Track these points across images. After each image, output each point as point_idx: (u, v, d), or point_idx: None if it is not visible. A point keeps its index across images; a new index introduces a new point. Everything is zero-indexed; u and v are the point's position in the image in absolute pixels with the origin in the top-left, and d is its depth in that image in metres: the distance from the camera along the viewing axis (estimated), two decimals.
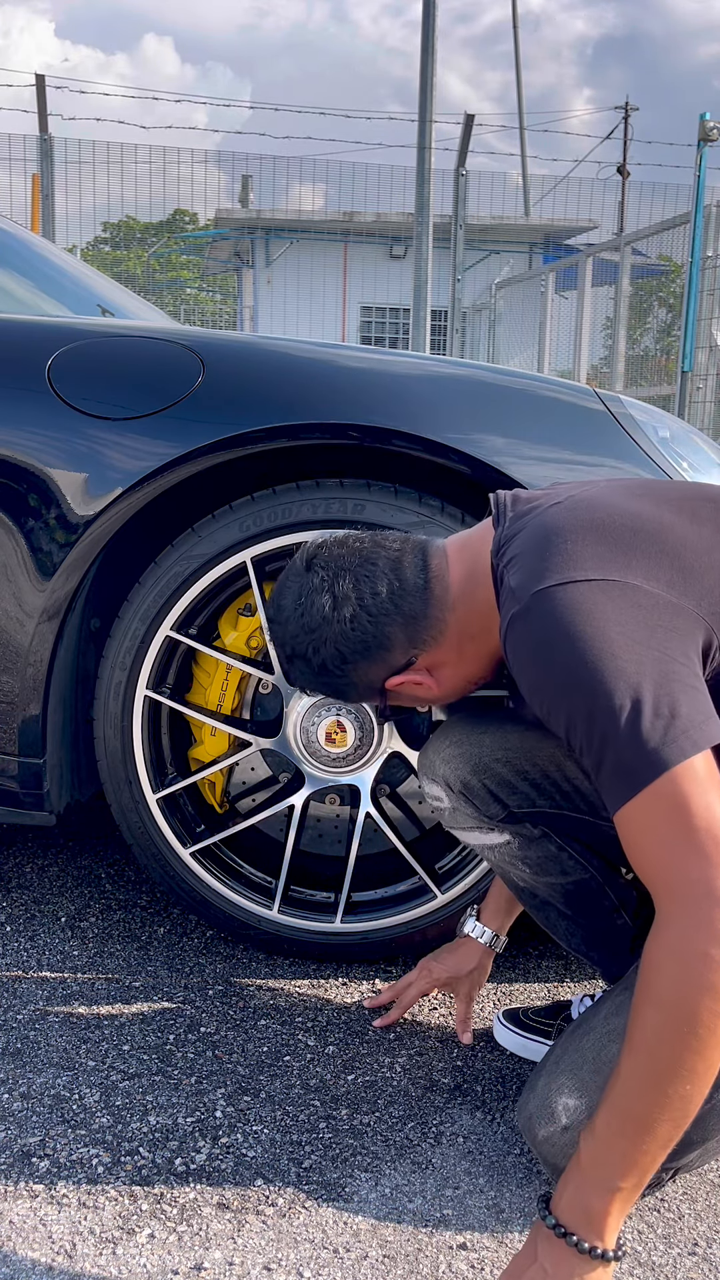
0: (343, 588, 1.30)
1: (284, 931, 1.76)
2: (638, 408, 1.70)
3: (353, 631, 1.29)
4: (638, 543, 1.16)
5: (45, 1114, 1.38)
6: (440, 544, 1.34)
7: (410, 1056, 1.55)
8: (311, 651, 1.31)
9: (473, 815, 1.43)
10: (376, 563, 1.31)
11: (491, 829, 1.43)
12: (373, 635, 1.29)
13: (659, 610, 1.11)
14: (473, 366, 1.80)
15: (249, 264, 17.07)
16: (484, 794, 1.41)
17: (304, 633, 1.31)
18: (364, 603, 1.29)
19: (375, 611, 1.29)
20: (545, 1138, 1.20)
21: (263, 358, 1.73)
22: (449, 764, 1.44)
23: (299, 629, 1.31)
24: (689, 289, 6.28)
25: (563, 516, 1.21)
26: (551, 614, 1.11)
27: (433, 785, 1.47)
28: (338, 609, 1.29)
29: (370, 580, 1.30)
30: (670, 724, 1.03)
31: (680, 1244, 1.22)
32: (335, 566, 1.31)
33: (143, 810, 1.74)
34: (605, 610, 1.10)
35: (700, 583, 1.14)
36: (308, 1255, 1.18)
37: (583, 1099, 1.18)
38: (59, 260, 2.81)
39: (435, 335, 11.14)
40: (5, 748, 1.73)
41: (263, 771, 1.90)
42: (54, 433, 1.66)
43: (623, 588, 1.12)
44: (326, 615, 1.29)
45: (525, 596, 1.14)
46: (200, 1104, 1.42)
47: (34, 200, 8.97)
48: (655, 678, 1.06)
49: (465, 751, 1.42)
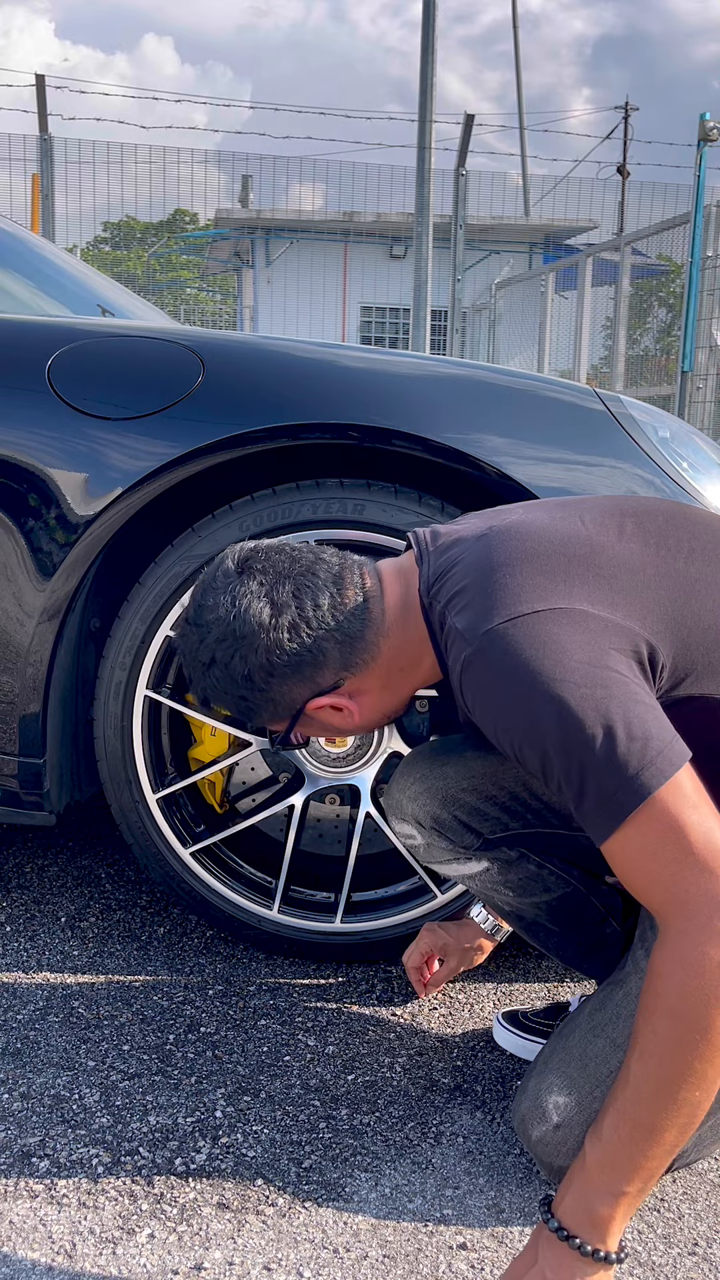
0: (282, 595, 1.22)
1: (284, 931, 1.76)
2: (638, 408, 1.70)
3: (289, 642, 1.21)
4: (573, 568, 1.14)
5: (45, 1114, 1.38)
6: (375, 567, 1.29)
7: (410, 1056, 1.55)
8: (238, 660, 1.22)
9: (448, 848, 1.42)
10: (318, 574, 1.24)
11: (469, 858, 1.42)
12: (309, 650, 1.22)
13: (608, 633, 1.10)
14: (473, 366, 1.80)
15: (249, 264, 17.07)
16: (455, 825, 1.40)
17: (232, 638, 1.22)
18: (304, 613, 1.22)
19: (315, 624, 1.22)
20: (539, 1138, 1.20)
21: (263, 358, 1.73)
22: (415, 801, 1.42)
23: (226, 634, 1.22)
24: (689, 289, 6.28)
25: (495, 550, 1.18)
26: (506, 652, 1.09)
27: (402, 824, 1.45)
28: (276, 616, 1.21)
29: (312, 591, 1.23)
30: (645, 746, 1.03)
31: (680, 1244, 1.22)
32: (275, 572, 1.24)
33: (143, 810, 1.74)
34: (559, 640, 1.08)
35: (638, 601, 1.13)
36: (308, 1255, 1.18)
37: (571, 1095, 1.18)
38: (59, 260, 2.81)
39: (435, 335, 11.14)
40: (5, 748, 1.73)
41: (263, 771, 1.90)
42: (54, 433, 1.66)
43: (570, 614, 1.10)
44: (263, 623, 1.21)
45: (476, 637, 1.12)
46: (200, 1104, 1.42)
47: (34, 200, 8.97)
48: (620, 702, 1.05)
49: (430, 786, 1.40)
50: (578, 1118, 1.17)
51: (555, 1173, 1.20)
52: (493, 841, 1.40)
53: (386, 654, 1.26)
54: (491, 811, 1.38)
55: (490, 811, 1.38)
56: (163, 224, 25.61)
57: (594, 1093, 1.17)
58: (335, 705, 1.27)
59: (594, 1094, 1.17)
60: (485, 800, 1.38)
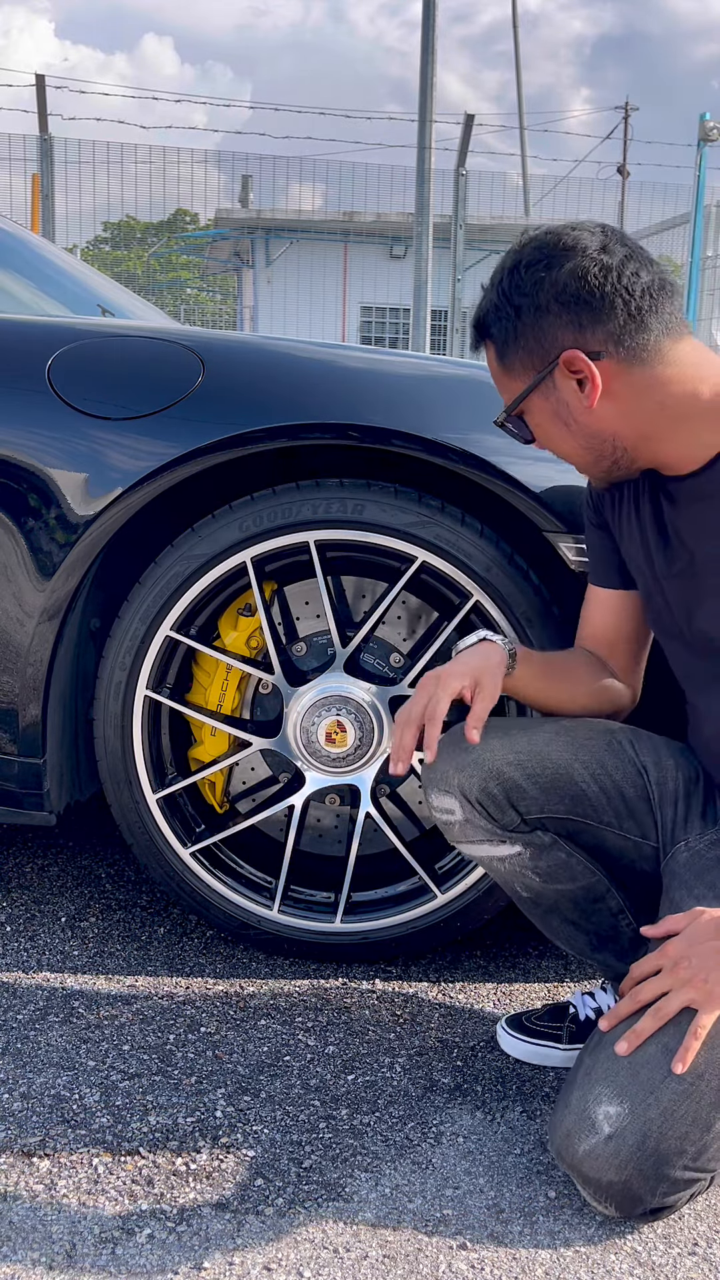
0: (616, 247, 1.25)
1: (284, 931, 1.76)
2: None
3: (593, 278, 1.23)
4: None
5: (45, 1114, 1.38)
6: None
7: (410, 1056, 1.55)
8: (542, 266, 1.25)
9: (485, 827, 1.41)
10: (657, 265, 1.28)
11: (503, 840, 1.41)
12: (603, 294, 1.23)
13: None
14: (473, 366, 1.80)
15: (249, 264, 17.07)
16: (501, 802, 1.39)
17: (551, 247, 1.26)
18: (622, 269, 1.24)
19: (622, 282, 1.24)
20: (588, 1151, 1.18)
21: (263, 358, 1.73)
22: (462, 772, 1.40)
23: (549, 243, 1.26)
24: (689, 289, 6.28)
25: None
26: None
27: (444, 797, 1.42)
28: (600, 253, 1.24)
29: (639, 264, 1.26)
30: None
31: (680, 1244, 1.22)
32: (624, 241, 1.27)
33: (143, 810, 1.74)
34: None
35: None
36: (308, 1255, 1.18)
37: (624, 1104, 1.17)
38: (59, 260, 2.81)
39: (435, 335, 11.14)
40: (5, 748, 1.73)
41: (263, 771, 1.90)
42: (54, 433, 1.66)
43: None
44: (585, 248, 1.24)
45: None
46: (200, 1104, 1.42)
47: (34, 200, 8.96)
48: None
49: (478, 759, 1.39)
50: (632, 1126, 1.16)
51: (602, 1190, 1.19)
52: (531, 823, 1.40)
53: (661, 374, 1.26)
54: (533, 791, 1.39)
55: (532, 791, 1.39)
56: (163, 224, 25.62)
57: (648, 1100, 1.16)
58: (585, 376, 1.26)
59: (649, 1101, 1.16)
60: (528, 777, 1.39)
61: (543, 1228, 1.23)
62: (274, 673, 1.72)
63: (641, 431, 1.29)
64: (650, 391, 1.27)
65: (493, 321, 1.31)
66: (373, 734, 1.71)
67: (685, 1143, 1.16)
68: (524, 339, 1.28)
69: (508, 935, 1.90)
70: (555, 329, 1.26)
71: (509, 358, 1.32)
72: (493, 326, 1.31)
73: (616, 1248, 1.21)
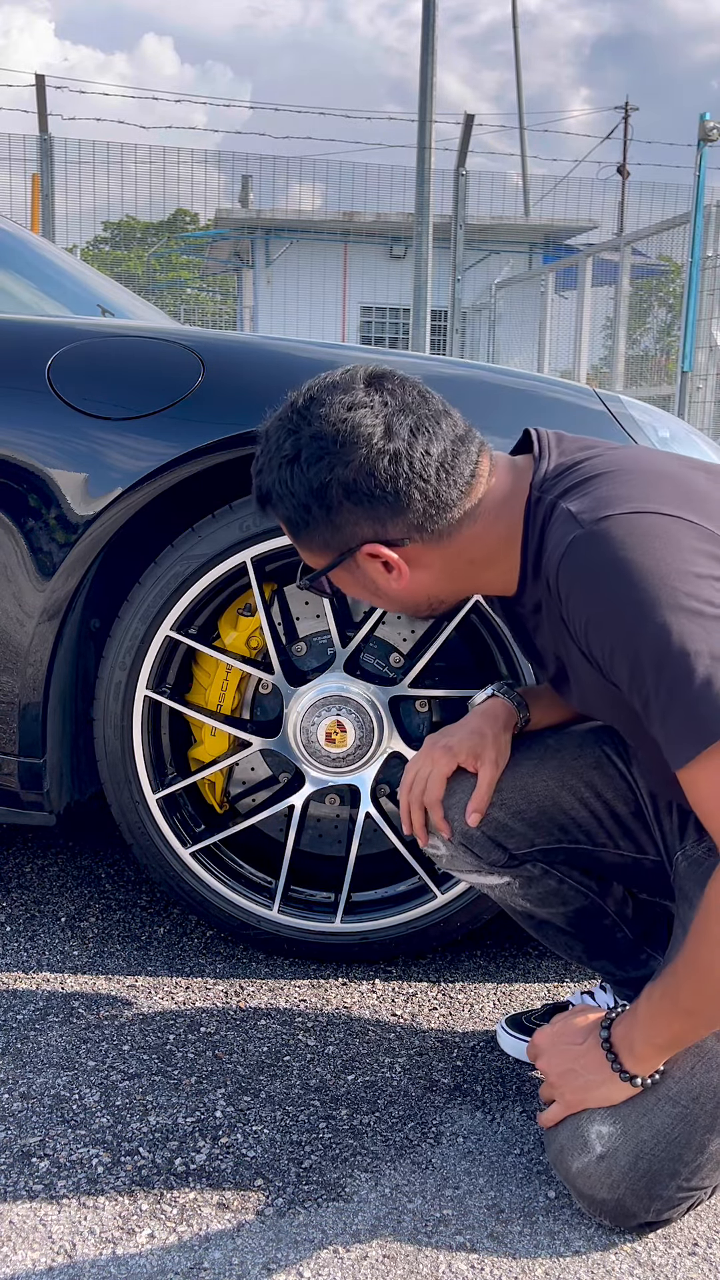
0: (400, 424, 1.13)
1: (284, 931, 1.76)
2: (638, 408, 1.70)
3: (383, 472, 1.12)
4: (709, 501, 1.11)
5: (45, 1114, 1.38)
6: (497, 455, 1.21)
7: (410, 1056, 1.55)
8: (324, 466, 1.12)
9: (472, 862, 1.40)
10: (442, 424, 1.15)
11: (491, 873, 1.41)
12: (396, 490, 1.13)
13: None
14: (473, 366, 1.80)
15: (249, 264, 17.07)
16: (485, 841, 1.38)
17: (330, 441, 1.12)
18: (412, 451, 1.13)
19: (417, 468, 1.13)
20: (580, 1169, 1.19)
21: (263, 358, 1.73)
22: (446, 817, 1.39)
23: (326, 434, 1.12)
24: (689, 289, 6.28)
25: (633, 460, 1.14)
26: (624, 542, 1.03)
27: (429, 835, 1.42)
28: (386, 440, 1.12)
29: (428, 436, 1.14)
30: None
31: (680, 1244, 1.22)
32: (403, 401, 1.14)
33: (143, 810, 1.74)
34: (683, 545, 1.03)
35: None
36: (308, 1255, 1.18)
37: (616, 1124, 1.17)
38: (59, 260, 2.81)
39: (435, 335, 11.14)
40: (5, 748, 1.73)
41: (263, 771, 1.90)
42: (54, 433, 1.66)
43: (701, 531, 1.05)
44: (370, 440, 1.12)
45: (591, 520, 1.06)
46: (200, 1104, 1.42)
47: (34, 200, 8.97)
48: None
49: (459, 801, 1.37)
50: (624, 1147, 1.16)
51: (596, 1205, 1.20)
52: (519, 857, 1.39)
53: (465, 537, 1.17)
54: (519, 827, 1.37)
55: (518, 827, 1.37)
56: (163, 224, 25.61)
57: (641, 1121, 1.16)
58: (390, 561, 1.17)
59: (641, 1123, 1.16)
60: (514, 816, 1.36)
61: (543, 1228, 1.23)
62: (274, 673, 1.72)
63: (456, 587, 1.23)
64: (460, 554, 1.19)
65: (277, 504, 1.18)
66: (372, 734, 1.71)
67: (678, 1164, 1.16)
68: (317, 529, 1.17)
69: (508, 935, 1.90)
70: (350, 524, 1.16)
71: (302, 539, 1.20)
72: (279, 508, 1.18)
73: (616, 1248, 1.21)
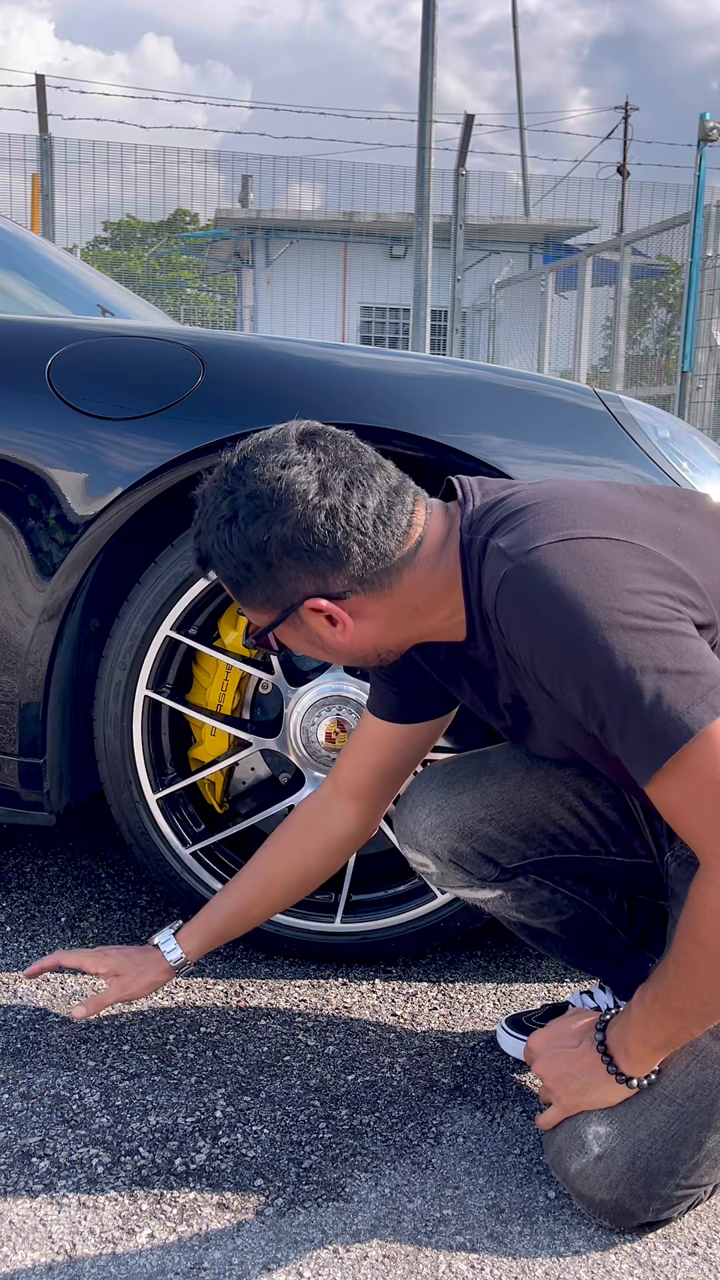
0: (334, 480, 1.13)
1: (284, 931, 1.76)
2: (638, 408, 1.70)
3: (320, 528, 1.12)
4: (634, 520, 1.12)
5: (45, 1114, 1.38)
6: (431, 501, 1.22)
7: (410, 1056, 1.55)
8: (261, 524, 1.12)
9: (463, 879, 1.40)
10: (375, 477, 1.16)
11: (482, 887, 1.41)
12: (334, 545, 1.13)
13: (670, 577, 1.06)
14: (473, 367, 1.80)
15: (249, 264, 17.07)
16: (475, 858, 1.38)
17: (265, 499, 1.12)
18: (348, 506, 1.13)
19: (353, 523, 1.13)
20: (579, 1170, 1.19)
21: (263, 358, 1.73)
22: (432, 835, 1.39)
23: (261, 493, 1.12)
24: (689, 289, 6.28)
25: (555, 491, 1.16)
26: (555, 571, 1.04)
27: (417, 854, 1.42)
28: (320, 496, 1.12)
29: (363, 490, 1.14)
30: (696, 682, 1.00)
31: (680, 1244, 1.22)
32: (336, 456, 1.15)
33: (143, 810, 1.74)
34: (612, 564, 1.04)
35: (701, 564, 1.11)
36: (308, 1255, 1.18)
37: (613, 1124, 1.18)
38: (59, 260, 2.81)
39: (435, 335, 11.15)
40: (5, 748, 1.73)
41: (263, 771, 1.90)
42: (54, 433, 1.66)
43: (628, 546, 1.06)
44: (305, 496, 1.11)
45: (521, 553, 1.07)
46: (200, 1104, 1.42)
47: (34, 200, 8.97)
48: (673, 636, 1.02)
49: (448, 819, 1.36)
50: (621, 1147, 1.17)
51: (595, 1206, 1.20)
52: (510, 871, 1.38)
53: (406, 585, 1.17)
54: (510, 841, 1.36)
55: (509, 841, 1.36)
56: (163, 224, 25.61)
57: (638, 1121, 1.17)
58: (333, 616, 1.18)
59: (638, 1122, 1.17)
60: (504, 830, 1.36)
61: (543, 1228, 1.23)
62: (274, 672, 1.72)
63: (402, 635, 1.23)
64: (403, 602, 1.19)
65: (217, 565, 1.18)
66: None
67: (675, 1162, 1.16)
68: (259, 587, 1.17)
69: (508, 935, 1.90)
70: (292, 580, 1.15)
71: (245, 598, 1.20)
72: (220, 569, 1.18)
73: (616, 1248, 1.21)
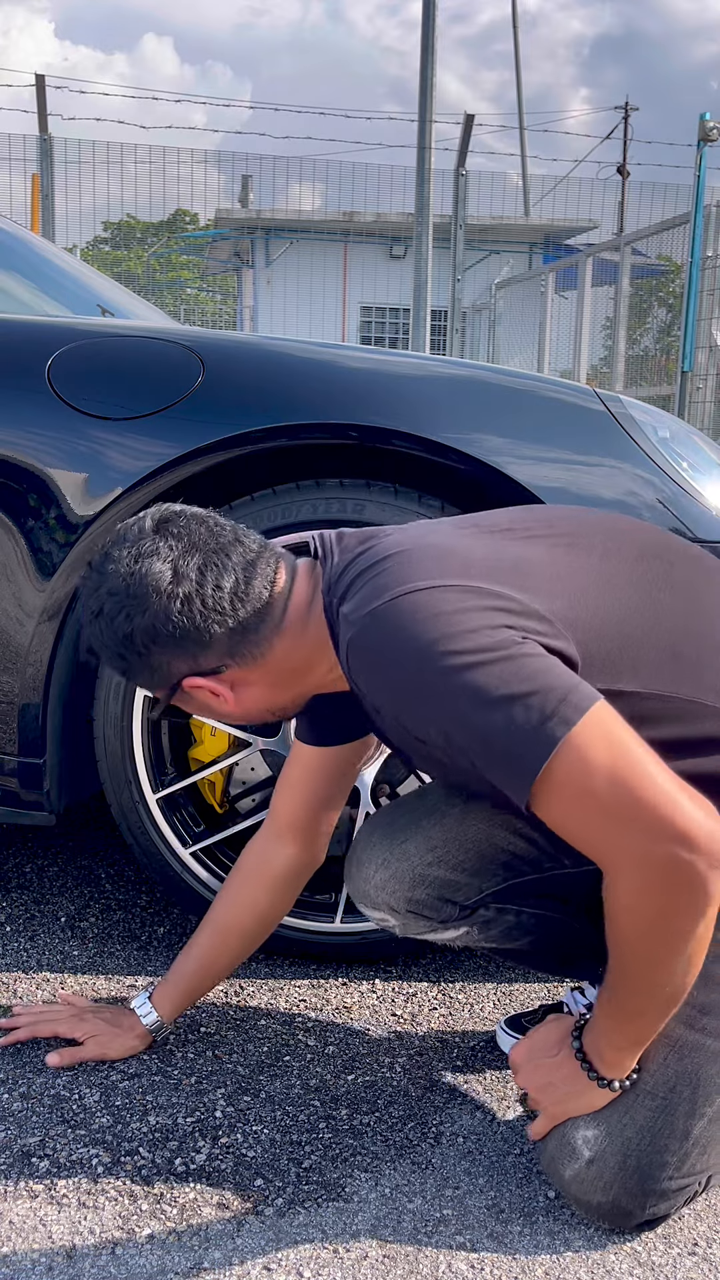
0: (187, 566, 1.18)
1: (284, 931, 1.76)
2: (638, 408, 1.70)
3: (178, 615, 1.18)
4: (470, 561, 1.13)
5: (45, 1114, 1.38)
6: (295, 563, 1.26)
7: (410, 1056, 1.55)
8: (123, 618, 1.19)
9: (426, 925, 1.39)
10: (231, 556, 1.20)
11: (446, 928, 1.39)
12: (196, 628, 1.18)
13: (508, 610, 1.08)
14: (473, 366, 1.80)
15: (249, 264, 17.07)
16: (433, 902, 1.36)
17: (124, 594, 1.18)
18: (202, 591, 1.18)
19: (210, 605, 1.18)
20: (573, 1176, 1.20)
21: (263, 358, 1.73)
22: (384, 890, 1.37)
23: (120, 588, 1.18)
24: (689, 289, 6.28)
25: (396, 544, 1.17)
26: (386, 629, 1.07)
27: (374, 911, 1.41)
28: (174, 585, 1.17)
29: (218, 571, 1.19)
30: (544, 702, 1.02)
31: (680, 1244, 1.22)
32: (189, 541, 1.20)
33: (142, 810, 1.74)
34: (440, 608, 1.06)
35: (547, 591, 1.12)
36: (308, 1255, 1.18)
37: (600, 1126, 1.18)
38: (59, 260, 2.81)
39: (435, 335, 11.14)
40: (5, 748, 1.73)
41: (263, 771, 1.90)
42: (54, 433, 1.66)
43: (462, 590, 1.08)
44: (158, 588, 1.17)
45: (359, 618, 1.10)
46: (200, 1104, 1.42)
47: (34, 200, 8.97)
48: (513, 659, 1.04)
49: (396, 871, 1.36)
50: (611, 1148, 1.17)
51: (593, 1209, 1.20)
52: (470, 906, 1.37)
53: (279, 652, 1.23)
54: (464, 879, 1.35)
55: (463, 879, 1.35)
56: (163, 224, 25.61)
57: (624, 1119, 1.17)
58: (214, 689, 1.23)
59: (624, 1121, 1.17)
60: (455, 869, 1.35)
61: (543, 1228, 1.23)
62: None
63: (290, 695, 1.28)
64: (279, 666, 1.24)
65: (102, 655, 1.25)
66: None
67: (666, 1154, 1.17)
68: (138, 673, 1.24)
69: None
70: (165, 664, 1.22)
71: (131, 680, 1.28)
72: (103, 659, 1.26)
73: (616, 1248, 1.21)
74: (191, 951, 1.50)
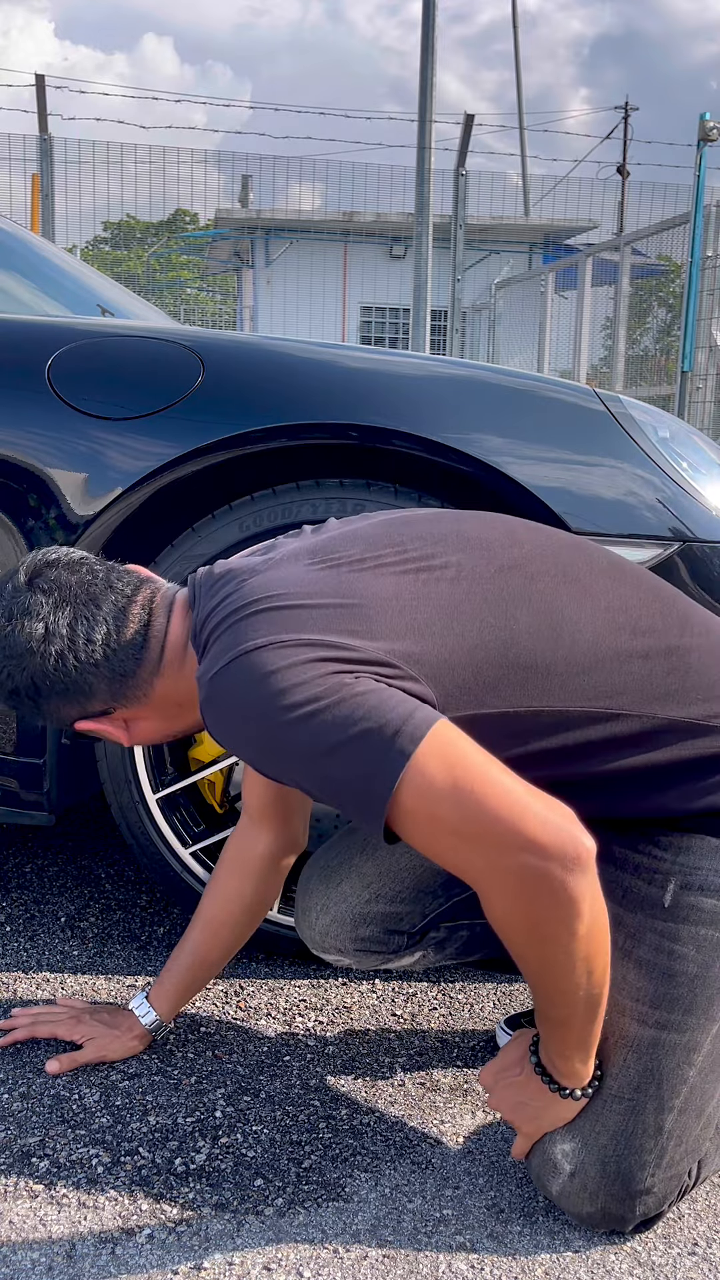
0: (57, 621, 1.22)
1: (284, 932, 1.76)
2: (638, 408, 1.70)
3: (54, 671, 1.22)
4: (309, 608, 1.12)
5: (45, 1114, 1.38)
6: (173, 598, 1.28)
7: (410, 1056, 1.55)
8: (5, 674, 1.24)
9: (378, 958, 1.43)
10: (101, 605, 1.23)
11: (401, 956, 1.43)
12: (74, 681, 1.23)
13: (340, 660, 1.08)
14: (473, 367, 1.80)
15: (249, 264, 17.07)
16: (379, 936, 1.40)
17: (3, 654, 1.23)
18: (74, 645, 1.22)
19: (83, 659, 1.22)
20: (560, 1191, 1.20)
21: (263, 358, 1.73)
22: (329, 934, 1.42)
23: (4, 646, 1.23)
24: (689, 289, 6.28)
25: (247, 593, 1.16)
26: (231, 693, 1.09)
27: (325, 954, 1.45)
28: (46, 643, 1.21)
29: (88, 623, 1.22)
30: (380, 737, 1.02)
31: (680, 1244, 1.22)
32: (59, 594, 1.23)
33: (142, 810, 1.74)
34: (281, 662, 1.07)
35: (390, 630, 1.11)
36: (308, 1255, 1.18)
37: (575, 1138, 1.19)
38: (59, 260, 2.81)
39: (435, 335, 11.15)
40: (5, 748, 1.73)
41: None
42: (54, 433, 1.66)
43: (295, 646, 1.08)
44: (31, 647, 1.22)
45: (207, 683, 1.12)
46: (200, 1104, 1.42)
47: (34, 200, 8.97)
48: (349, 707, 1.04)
49: (336, 914, 1.40)
50: (589, 1158, 1.17)
51: (586, 1219, 1.21)
52: (418, 932, 1.40)
53: (160, 691, 1.26)
54: (404, 909, 1.38)
55: (403, 910, 1.38)
56: (163, 224, 25.60)
57: (596, 1128, 1.18)
58: (106, 729, 1.29)
59: (596, 1129, 1.18)
60: (394, 901, 1.38)
61: (543, 1228, 1.23)
62: None
63: (185, 722, 1.31)
64: (165, 702, 1.28)
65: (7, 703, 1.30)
66: None
67: (643, 1154, 1.17)
68: (36, 718, 1.31)
69: None
70: (56, 711, 1.27)
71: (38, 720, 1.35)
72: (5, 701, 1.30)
73: (616, 1248, 1.21)
74: (184, 948, 1.50)
